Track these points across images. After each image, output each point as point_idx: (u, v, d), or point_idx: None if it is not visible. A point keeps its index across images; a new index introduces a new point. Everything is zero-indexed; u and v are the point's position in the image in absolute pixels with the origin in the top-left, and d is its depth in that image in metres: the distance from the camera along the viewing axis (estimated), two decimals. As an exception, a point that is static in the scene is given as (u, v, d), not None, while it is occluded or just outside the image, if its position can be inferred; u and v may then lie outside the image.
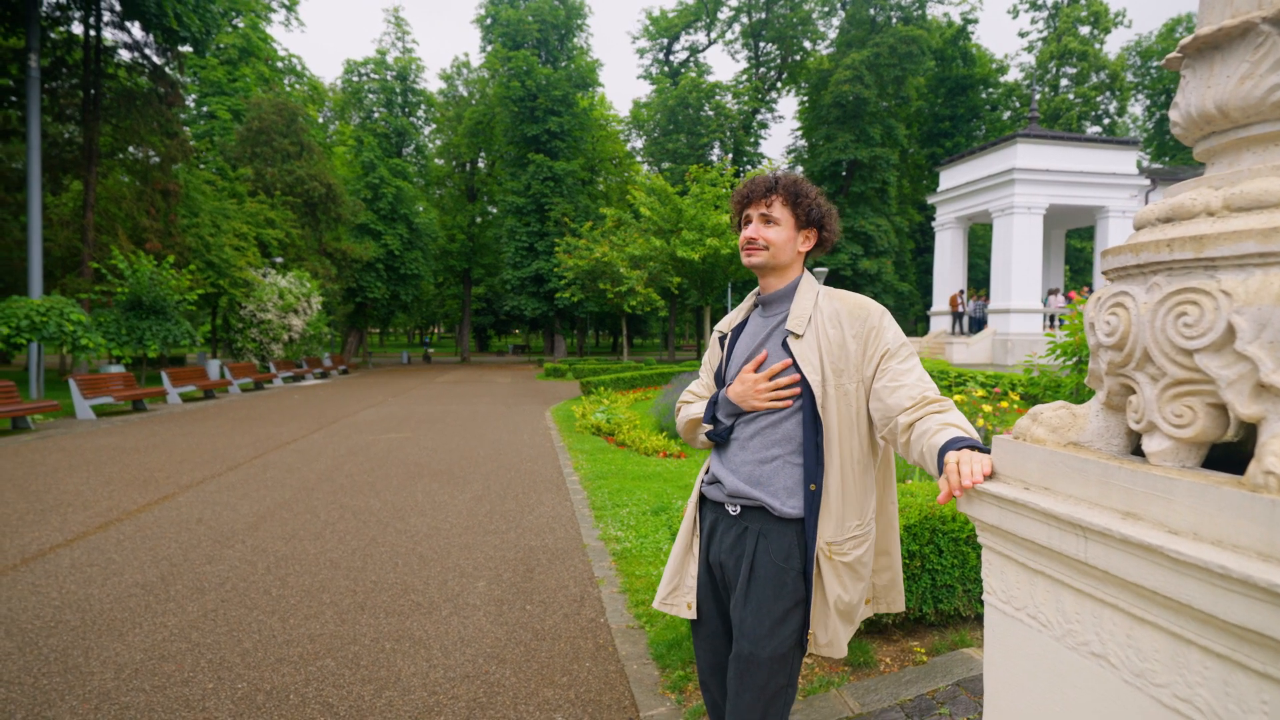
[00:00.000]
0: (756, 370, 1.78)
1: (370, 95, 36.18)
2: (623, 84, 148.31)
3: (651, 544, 5.02)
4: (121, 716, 2.85)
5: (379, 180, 32.26)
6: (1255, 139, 0.94)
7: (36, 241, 15.33)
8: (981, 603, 3.15)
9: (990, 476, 1.21)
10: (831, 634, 1.72)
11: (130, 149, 20.26)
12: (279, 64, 34.68)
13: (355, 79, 36.34)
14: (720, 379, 1.95)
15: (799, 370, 1.72)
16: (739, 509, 1.79)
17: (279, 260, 23.82)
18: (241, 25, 31.06)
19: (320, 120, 37.85)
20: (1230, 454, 0.95)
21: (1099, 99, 40.28)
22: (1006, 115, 44.08)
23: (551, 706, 2.91)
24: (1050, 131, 23.57)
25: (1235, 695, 0.78)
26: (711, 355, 2.04)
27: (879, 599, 1.89)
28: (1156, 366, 0.93)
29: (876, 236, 36.03)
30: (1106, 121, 41.43)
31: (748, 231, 1.81)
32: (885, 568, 1.87)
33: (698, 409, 1.96)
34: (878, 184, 36.93)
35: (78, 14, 17.67)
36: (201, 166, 25.46)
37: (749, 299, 2.00)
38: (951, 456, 1.32)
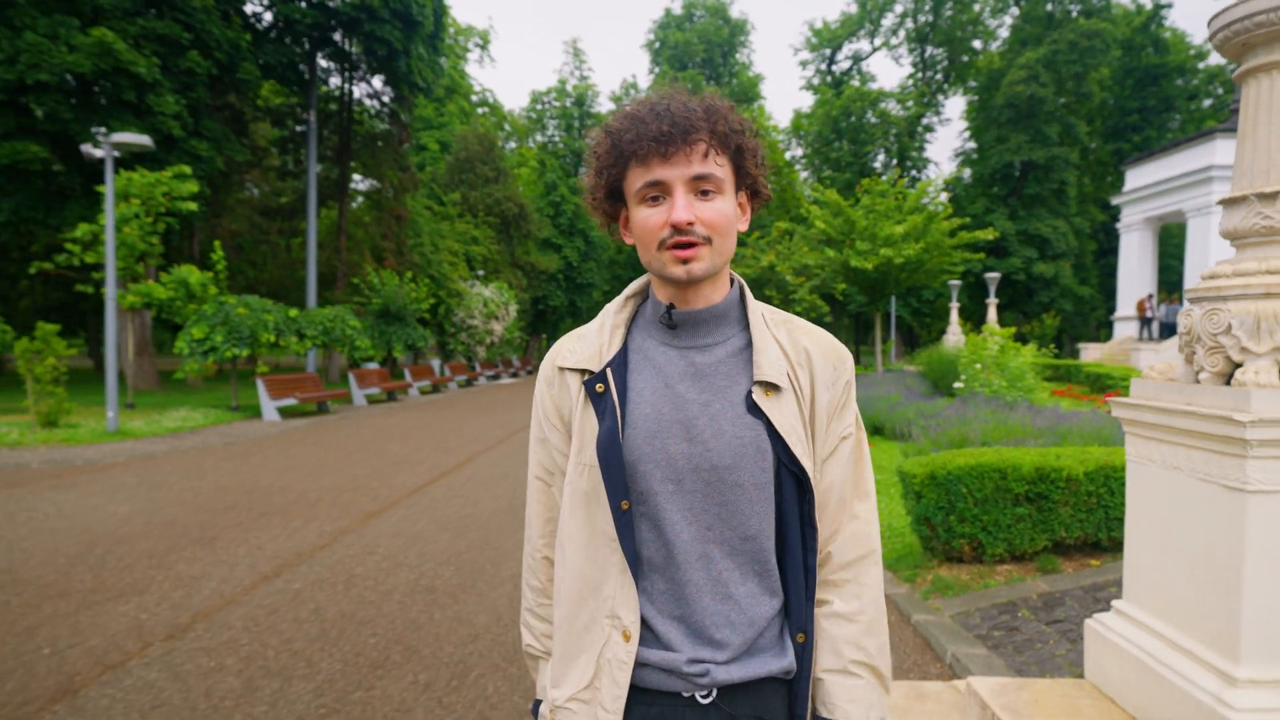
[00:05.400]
0: None
1: (551, 121, 39.62)
2: (783, 95, 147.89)
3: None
4: (548, 571, 4.58)
5: (560, 199, 35.38)
6: (1248, 244, 2.21)
7: (313, 262, 18.94)
8: (1146, 532, 4.23)
9: None
10: None
11: (370, 181, 24.05)
12: (474, 97, 38.87)
13: (539, 107, 39.93)
14: (611, 458, 0.97)
15: (783, 450, 0.99)
16: (713, 693, 0.96)
17: (481, 273, 27.09)
18: (446, 66, 35.26)
19: (501, 144, 41.86)
20: (1243, 381, 2.22)
21: (1322, 81, 36.23)
22: (1207, 103, 40.56)
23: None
24: (1256, 125, 22.05)
25: (1216, 465, 2.08)
26: (552, 415, 1.09)
27: None
28: (1203, 342, 2.22)
29: (1053, 239, 34.63)
30: (1332, 105, 37.13)
31: (677, 213, 0.94)
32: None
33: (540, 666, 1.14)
34: (1055, 184, 35.41)
35: (338, 74, 21.46)
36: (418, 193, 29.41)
37: (617, 310, 1.10)
38: None
